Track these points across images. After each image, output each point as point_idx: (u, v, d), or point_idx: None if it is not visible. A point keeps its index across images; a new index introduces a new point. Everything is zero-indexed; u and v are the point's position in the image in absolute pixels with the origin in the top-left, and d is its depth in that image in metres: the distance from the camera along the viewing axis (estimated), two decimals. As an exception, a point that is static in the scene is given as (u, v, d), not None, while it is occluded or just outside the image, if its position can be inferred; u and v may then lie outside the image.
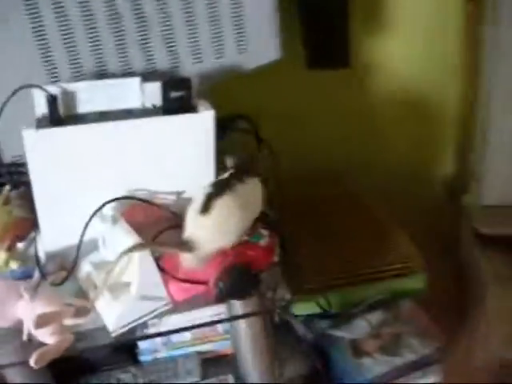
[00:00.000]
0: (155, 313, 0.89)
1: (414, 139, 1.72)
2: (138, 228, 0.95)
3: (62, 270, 0.97)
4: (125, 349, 1.06)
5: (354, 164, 1.67)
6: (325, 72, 1.61)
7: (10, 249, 0.99)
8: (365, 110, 1.66)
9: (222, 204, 0.87)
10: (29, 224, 1.02)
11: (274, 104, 1.59)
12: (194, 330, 1.01)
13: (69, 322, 0.87)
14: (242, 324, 0.95)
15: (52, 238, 0.97)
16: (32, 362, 0.81)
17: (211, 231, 0.86)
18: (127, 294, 0.87)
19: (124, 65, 1.03)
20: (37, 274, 0.97)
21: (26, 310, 0.87)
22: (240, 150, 1.39)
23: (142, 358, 1.08)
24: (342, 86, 1.63)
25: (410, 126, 1.70)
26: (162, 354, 1.07)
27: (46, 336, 0.86)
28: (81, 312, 0.89)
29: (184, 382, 1.02)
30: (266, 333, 0.96)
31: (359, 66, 1.61)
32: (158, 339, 1.02)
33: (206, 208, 0.86)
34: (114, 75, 1.02)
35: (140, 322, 0.88)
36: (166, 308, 0.90)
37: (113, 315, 0.87)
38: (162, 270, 0.89)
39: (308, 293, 1.35)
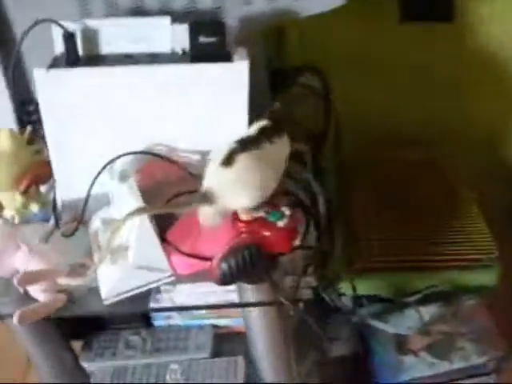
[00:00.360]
0: (155, 284, 0.81)
1: (508, 112, 1.49)
2: (152, 188, 0.87)
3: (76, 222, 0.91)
4: (139, 310, 1.00)
5: (436, 129, 1.48)
6: (417, 25, 1.41)
7: (27, 191, 0.94)
8: (455, 71, 1.45)
9: (245, 159, 0.76)
10: (52, 167, 0.97)
11: (351, 57, 1.43)
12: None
13: (63, 281, 0.81)
14: (253, 312, 0.85)
15: (67, 186, 0.90)
16: (15, 320, 0.76)
17: (231, 185, 0.76)
18: (126, 260, 0.79)
19: (162, 2, 0.92)
20: (52, 222, 0.92)
21: (22, 261, 0.83)
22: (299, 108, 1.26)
23: (156, 323, 1.01)
24: (434, 42, 1.43)
25: (506, 97, 1.46)
26: (176, 321, 1.00)
27: (38, 293, 0.81)
28: (81, 271, 0.83)
29: (192, 356, 0.95)
30: (280, 324, 0.85)
31: (458, 21, 1.39)
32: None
33: (227, 161, 0.76)
34: (151, 13, 0.92)
35: (137, 292, 0.81)
36: (168, 280, 0.81)
37: (107, 282, 0.79)
38: (165, 240, 0.80)
39: (361, 272, 1.23)
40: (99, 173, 0.84)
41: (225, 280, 0.77)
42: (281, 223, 0.78)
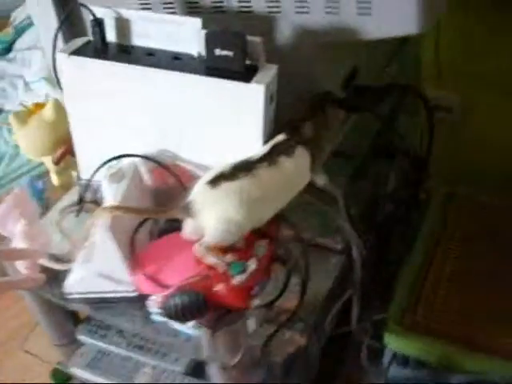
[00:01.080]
0: (116, 295, 0.78)
1: None
2: (164, 191, 0.85)
3: (91, 203, 0.92)
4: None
5: None
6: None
7: (61, 160, 0.97)
8: None
9: (227, 189, 0.70)
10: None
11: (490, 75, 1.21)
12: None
13: (44, 262, 0.83)
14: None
15: (87, 167, 0.90)
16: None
17: (208, 207, 0.71)
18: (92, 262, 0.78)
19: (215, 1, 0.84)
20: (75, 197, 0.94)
21: (18, 233, 0.86)
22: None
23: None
24: None
25: None
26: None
27: (21, 268, 0.84)
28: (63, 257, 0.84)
29: (167, 366, 0.92)
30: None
31: None
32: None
33: (213, 182, 0.71)
34: (204, 11, 0.85)
35: (100, 296, 0.79)
36: (130, 296, 0.78)
37: (73, 276, 0.79)
38: (133, 255, 0.77)
39: (409, 328, 1.07)
40: (98, 169, 0.83)
41: (169, 316, 0.72)
42: (238, 278, 0.69)
